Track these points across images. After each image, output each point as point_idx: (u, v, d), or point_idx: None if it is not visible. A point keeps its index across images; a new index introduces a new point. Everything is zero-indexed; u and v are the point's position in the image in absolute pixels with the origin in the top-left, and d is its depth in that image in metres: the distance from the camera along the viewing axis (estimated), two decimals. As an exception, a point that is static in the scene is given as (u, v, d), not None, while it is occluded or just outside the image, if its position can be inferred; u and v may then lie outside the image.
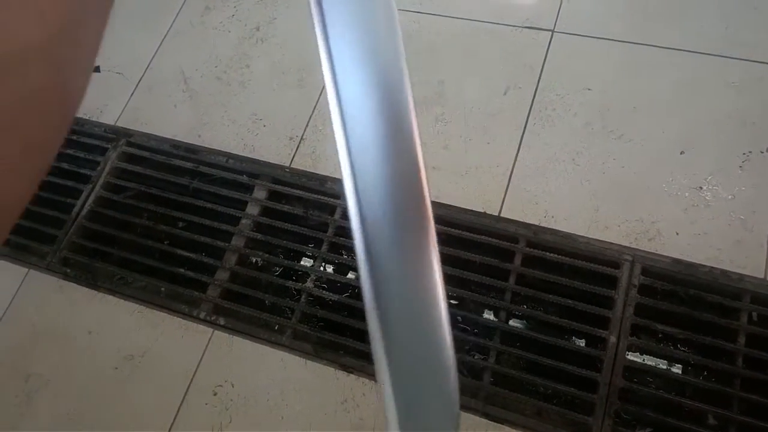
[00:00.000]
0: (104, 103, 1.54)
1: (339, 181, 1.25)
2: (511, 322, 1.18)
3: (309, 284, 1.25)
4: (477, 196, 1.28)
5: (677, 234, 1.18)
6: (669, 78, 1.32)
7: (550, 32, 1.43)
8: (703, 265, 1.14)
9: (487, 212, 1.25)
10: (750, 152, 1.22)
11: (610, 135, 1.28)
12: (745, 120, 1.24)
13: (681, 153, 1.24)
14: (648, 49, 1.36)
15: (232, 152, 1.42)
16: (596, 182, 1.25)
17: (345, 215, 1.02)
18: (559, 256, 1.18)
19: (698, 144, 1.24)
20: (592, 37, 1.40)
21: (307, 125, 1.42)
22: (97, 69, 1.59)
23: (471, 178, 1.30)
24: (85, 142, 1.48)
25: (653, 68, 1.34)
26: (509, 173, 1.29)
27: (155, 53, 1.58)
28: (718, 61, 1.31)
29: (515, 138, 1.32)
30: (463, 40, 1.47)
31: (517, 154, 1.30)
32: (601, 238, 1.19)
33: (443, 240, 1.25)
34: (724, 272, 1.13)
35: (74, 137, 1.50)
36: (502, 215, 1.24)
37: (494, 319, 1.18)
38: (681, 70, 1.32)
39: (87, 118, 1.52)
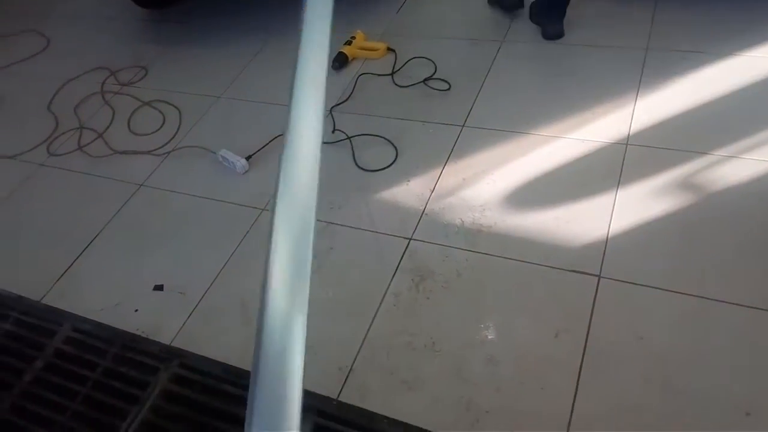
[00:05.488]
0: (162, 321, 1.59)
1: (389, 420, 1.19)
2: None
3: None
4: (534, 449, 1.22)
5: None
6: (724, 332, 1.32)
7: (597, 277, 1.48)
8: None
9: (547, 470, 1.18)
10: (822, 420, 1.17)
11: (669, 391, 1.25)
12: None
13: (747, 414, 1.20)
14: (698, 300, 1.39)
15: (281, 381, 1.41)
16: (661, 442, 1.19)
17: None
18: None
19: (764, 406, 1.20)
20: (638, 284, 1.45)
21: (356, 356, 1.43)
22: (160, 287, 1.68)
23: (527, 427, 1.25)
24: (139, 360, 1.51)
25: (706, 321, 1.35)
26: (566, 425, 1.24)
27: (217, 275, 1.68)
28: (771, 317, 1.33)
29: (570, 386, 1.30)
30: (512, 279, 1.53)
31: (573, 404, 1.27)
32: None
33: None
34: None
35: (129, 354, 1.53)
36: (562, 474, 1.17)
37: None
38: (735, 325, 1.33)
39: (143, 335, 1.57)
